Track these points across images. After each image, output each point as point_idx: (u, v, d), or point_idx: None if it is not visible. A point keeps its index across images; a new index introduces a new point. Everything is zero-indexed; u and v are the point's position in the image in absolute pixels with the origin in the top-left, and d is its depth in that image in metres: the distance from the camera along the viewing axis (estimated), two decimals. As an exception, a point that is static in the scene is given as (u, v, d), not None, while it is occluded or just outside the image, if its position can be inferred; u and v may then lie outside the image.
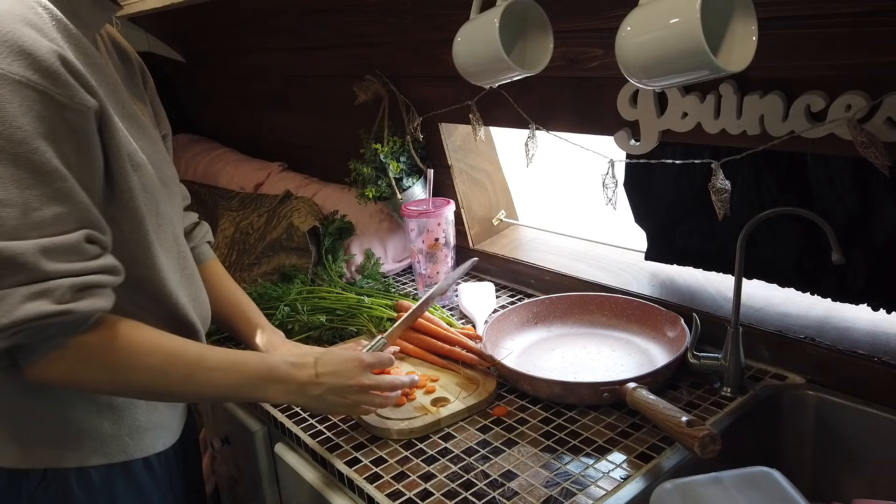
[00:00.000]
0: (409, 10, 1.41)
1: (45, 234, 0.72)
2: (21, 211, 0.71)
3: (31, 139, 0.71)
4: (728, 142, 1.03)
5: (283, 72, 2.08)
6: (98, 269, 0.77)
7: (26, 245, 0.71)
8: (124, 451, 0.91)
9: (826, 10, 0.86)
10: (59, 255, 0.73)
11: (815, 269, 1.07)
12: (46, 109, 0.71)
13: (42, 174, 0.72)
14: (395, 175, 1.56)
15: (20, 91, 0.69)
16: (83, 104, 0.75)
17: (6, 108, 0.69)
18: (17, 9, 0.72)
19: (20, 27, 0.70)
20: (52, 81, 0.71)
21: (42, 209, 0.72)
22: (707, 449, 0.83)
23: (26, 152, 0.70)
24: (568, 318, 1.27)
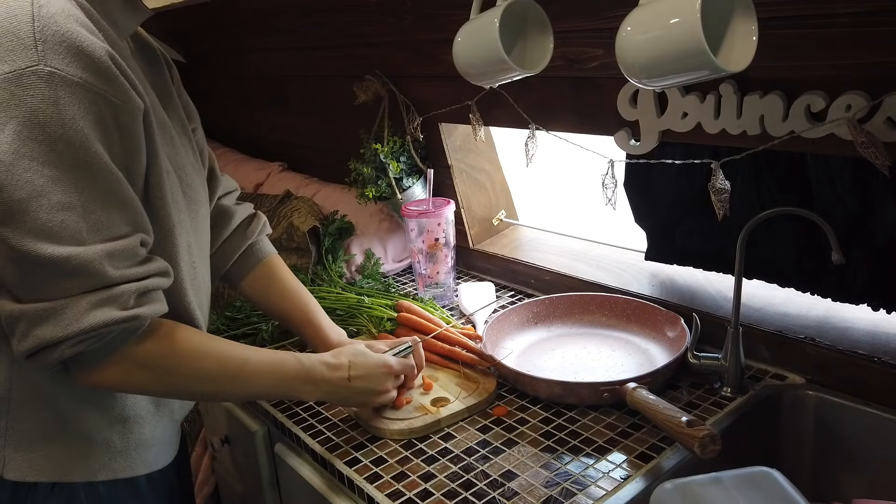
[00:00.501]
0: (409, 10, 1.41)
1: (105, 237, 0.73)
2: (80, 214, 0.71)
3: (90, 142, 0.70)
4: (728, 142, 1.03)
5: (284, 72, 2.08)
6: (155, 272, 0.79)
7: (93, 252, 0.71)
8: (130, 467, 0.91)
9: (826, 10, 0.86)
10: (121, 261, 0.74)
11: (815, 269, 1.07)
12: (102, 112, 0.71)
13: (99, 177, 0.72)
14: (395, 175, 1.56)
15: (79, 93, 0.69)
16: (135, 105, 0.75)
17: (66, 110, 0.69)
18: (69, 8, 0.71)
19: (76, 27, 0.70)
20: (108, 83, 0.71)
21: (99, 212, 0.73)
22: (707, 449, 0.83)
23: (85, 155, 0.70)
24: (568, 318, 1.27)
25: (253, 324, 1.36)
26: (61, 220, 0.70)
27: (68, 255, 0.70)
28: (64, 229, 0.70)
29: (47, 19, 0.68)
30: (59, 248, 0.70)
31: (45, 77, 0.67)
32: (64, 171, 0.70)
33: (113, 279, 0.73)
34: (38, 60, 0.67)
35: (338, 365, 0.95)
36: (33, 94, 0.67)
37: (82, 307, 0.72)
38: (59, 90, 0.68)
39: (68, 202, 0.70)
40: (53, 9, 0.69)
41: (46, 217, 0.69)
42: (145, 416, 0.92)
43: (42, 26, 0.68)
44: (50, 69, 0.67)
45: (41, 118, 0.68)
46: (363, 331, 1.31)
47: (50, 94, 0.68)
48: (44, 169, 0.69)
